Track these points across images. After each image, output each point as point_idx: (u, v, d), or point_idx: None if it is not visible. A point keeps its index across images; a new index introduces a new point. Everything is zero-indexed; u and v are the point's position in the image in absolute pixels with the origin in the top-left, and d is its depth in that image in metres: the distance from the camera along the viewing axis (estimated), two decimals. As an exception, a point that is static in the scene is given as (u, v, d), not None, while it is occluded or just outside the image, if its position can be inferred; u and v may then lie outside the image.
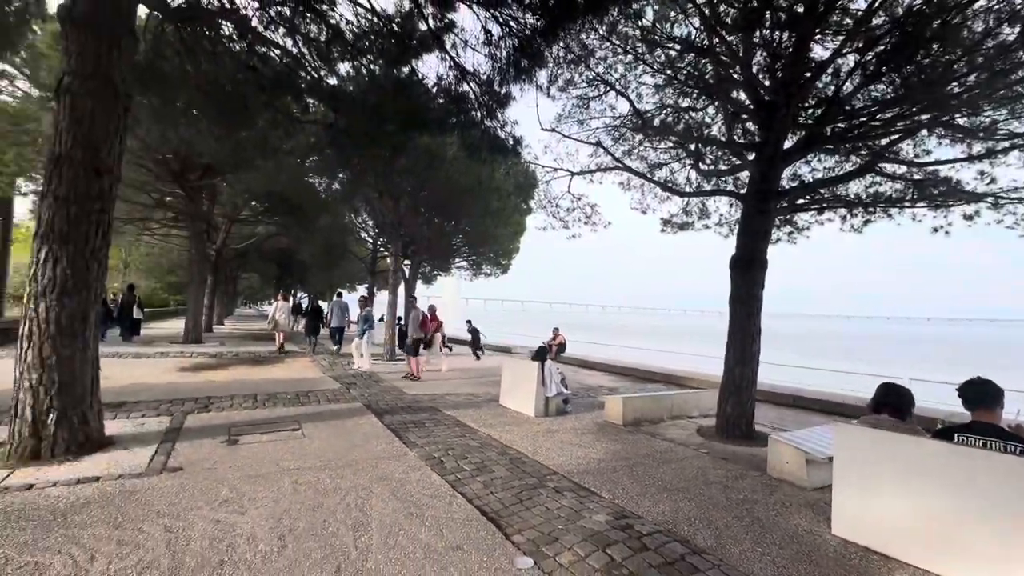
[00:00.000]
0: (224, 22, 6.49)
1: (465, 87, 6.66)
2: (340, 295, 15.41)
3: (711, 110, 7.28)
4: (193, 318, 13.90)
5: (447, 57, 6.43)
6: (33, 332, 3.64)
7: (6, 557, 2.38)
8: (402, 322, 11.88)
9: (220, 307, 23.81)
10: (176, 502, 3.08)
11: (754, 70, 5.94)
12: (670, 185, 7.86)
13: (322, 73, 7.13)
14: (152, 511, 2.94)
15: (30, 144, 9.47)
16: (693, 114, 7.35)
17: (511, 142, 7.07)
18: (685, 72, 6.70)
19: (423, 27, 6.27)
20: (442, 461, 4.19)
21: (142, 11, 5.30)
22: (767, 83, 5.91)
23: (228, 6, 6.30)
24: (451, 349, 14.82)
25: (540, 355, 6.75)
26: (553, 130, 7.61)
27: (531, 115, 8.11)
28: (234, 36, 6.76)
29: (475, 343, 14.47)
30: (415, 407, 6.45)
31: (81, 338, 3.84)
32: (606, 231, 8.63)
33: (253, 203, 16.82)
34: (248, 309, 57.52)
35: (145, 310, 16.18)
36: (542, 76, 6.57)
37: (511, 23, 5.80)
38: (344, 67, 7.48)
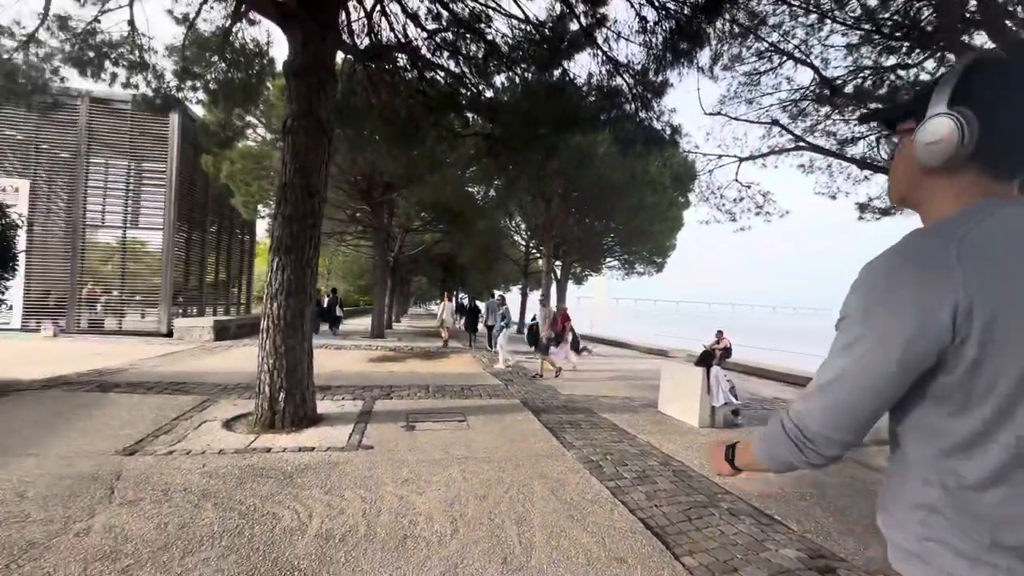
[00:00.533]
0: (399, 55, 7.34)
1: (618, 80, 6.47)
2: (493, 295, 16.36)
3: (930, 63, 5.87)
4: (377, 316, 16.10)
5: (599, 53, 6.32)
6: (269, 327, 4.56)
7: (254, 505, 2.98)
8: (532, 321, 12.05)
9: (397, 306, 27.22)
10: (369, 476, 3.54)
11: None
12: (870, 161, 6.56)
13: (480, 87, 7.60)
14: (351, 481, 3.42)
15: (266, 177, 12.02)
16: (902, 72, 6.03)
17: (668, 132, 6.65)
18: (891, 23, 5.51)
19: (574, 27, 6.26)
20: (600, 466, 4.09)
21: (339, 56, 6.29)
22: None
23: (403, 40, 7.10)
24: (590, 351, 14.58)
25: (704, 360, 6.20)
26: (718, 113, 6.95)
27: (690, 100, 7.55)
28: (407, 66, 7.61)
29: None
30: (570, 407, 6.46)
31: (300, 331, 4.69)
32: (782, 221, 7.58)
33: (422, 214, 18.84)
34: (419, 308, 64.69)
35: (345, 309, 19.30)
36: (704, 56, 6.06)
37: (668, 4, 5.44)
38: (499, 79, 7.87)
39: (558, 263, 14.26)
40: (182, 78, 7.57)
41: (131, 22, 6.60)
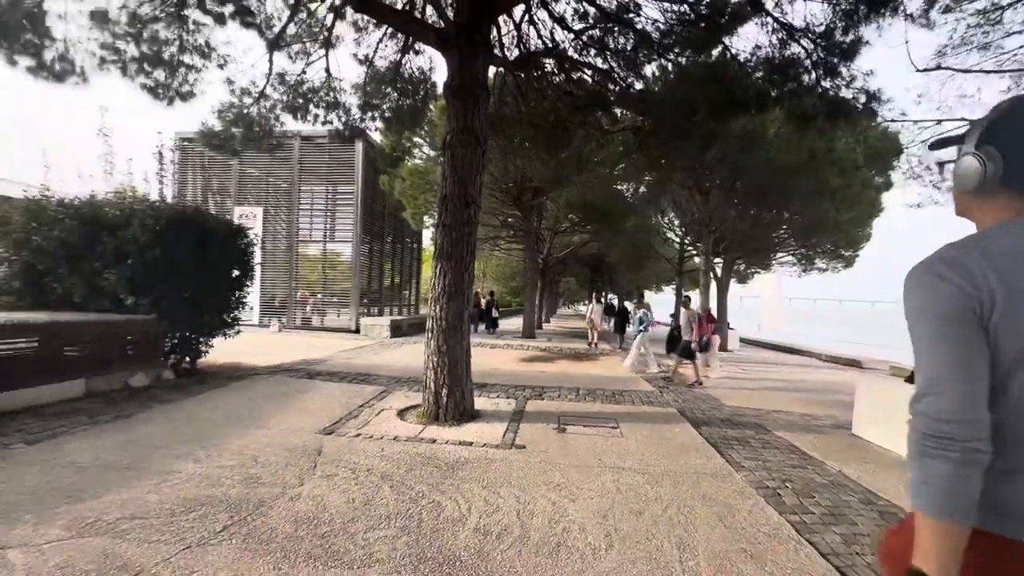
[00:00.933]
0: (547, 60, 7.45)
1: (793, 49, 5.61)
2: (643, 295, 15.67)
3: None
4: (528, 317, 16.66)
5: (767, 21, 5.56)
6: (433, 327, 4.98)
7: (422, 492, 3.25)
8: (671, 322, 11.01)
9: (547, 307, 27.85)
10: (522, 476, 3.60)
11: None
12: None
13: (629, 80, 7.30)
14: (506, 480, 3.52)
15: (430, 191, 13.33)
16: None
17: (862, 100, 5.54)
18: None
19: (736, -2, 5.60)
20: (778, 493, 3.56)
21: (491, 70, 6.61)
22: None
23: (550, 44, 7.19)
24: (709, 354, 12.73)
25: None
26: (935, 68, 5.56)
27: (893, 58, 6.18)
28: (554, 70, 7.68)
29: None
30: (736, 421, 5.80)
31: (459, 332, 5.02)
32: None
33: (570, 215, 18.98)
34: (567, 309, 65.42)
35: (500, 309, 20.48)
36: (913, 1, 4.88)
37: (862, -55, 4.52)
38: (650, 69, 7.48)
39: (718, 260, 13.02)
40: (364, 110, 8.77)
41: (327, 69, 7.86)
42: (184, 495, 2.99)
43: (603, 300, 21.78)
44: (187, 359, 7.00)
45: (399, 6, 7.04)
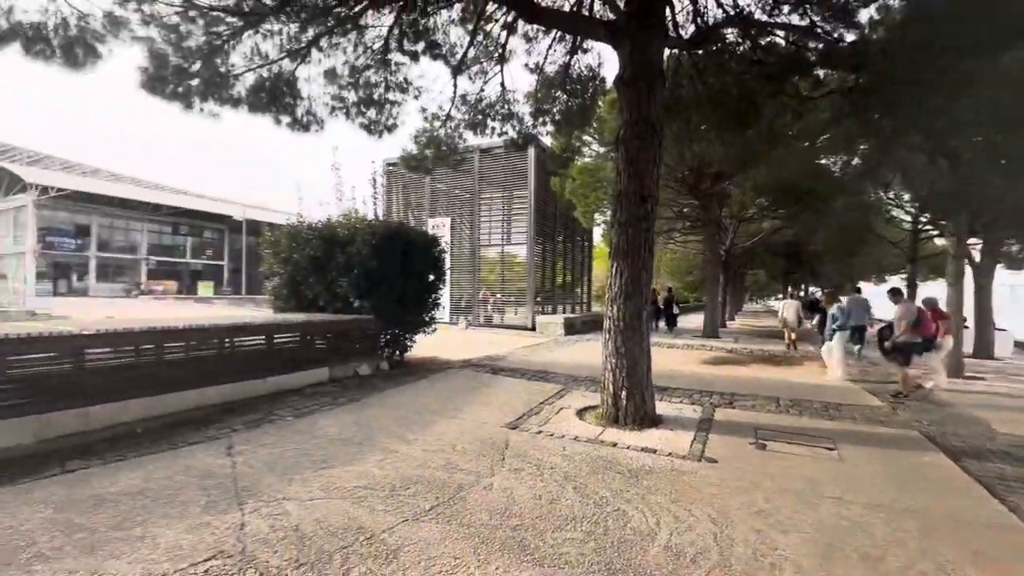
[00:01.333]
0: (728, 29, 6.69)
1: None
2: (859, 290, 12.97)
3: None
4: (710, 314, 15.30)
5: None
6: (611, 328, 4.87)
7: (605, 497, 3.19)
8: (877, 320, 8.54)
9: (731, 303, 25.23)
10: (717, 495, 3.26)
11: None
12: None
13: (838, 33, 6.11)
14: (697, 497, 3.23)
15: (600, 188, 13.22)
16: None
17: None
18: None
19: None
20: (1107, 567, 2.54)
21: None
22: None
23: (731, 12, 6.43)
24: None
25: None
26: None
27: None
28: (738, 39, 6.86)
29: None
30: (1015, 454, 4.36)
31: (638, 333, 4.82)
32: None
33: (759, 200, 16.82)
34: (755, 304, 58.40)
35: (680, 305, 19.32)
36: None
37: None
38: (865, 14, 6.15)
39: (975, 241, 10.01)
40: (536, 116, 9.10)
41: (502, 84, 8.37)
42: (401, 473, 3.47)
43: (801, 294, 18.77)
44: (397, 353, 8.20)
45: (567, 8, 7.11)
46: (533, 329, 15.38)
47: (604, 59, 8.59)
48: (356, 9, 6.70)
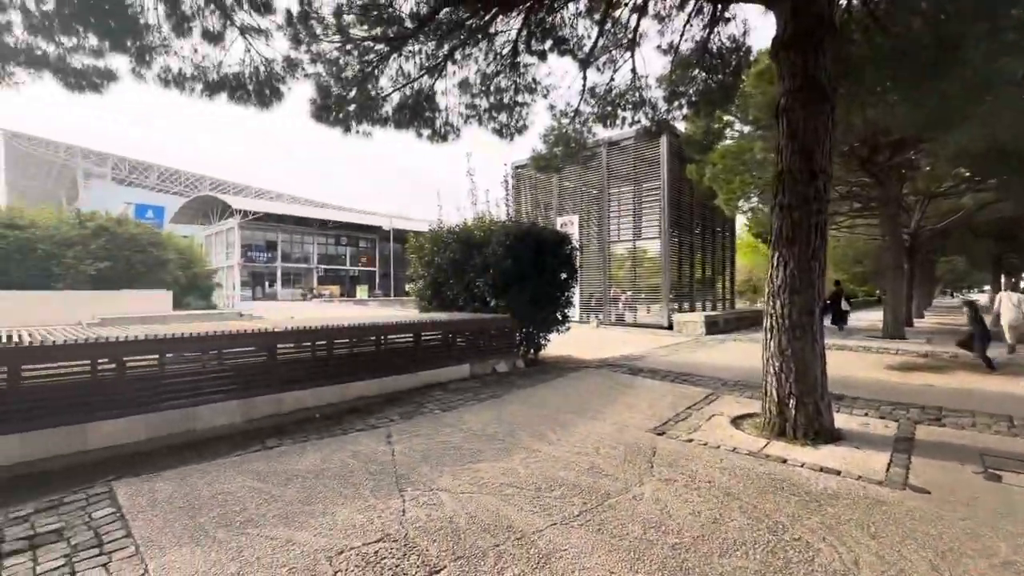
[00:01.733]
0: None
1: None
2: None
3: None
4: (892, 310, 12.84)
5: None
6: (773, 326, 4.26)
7: (781, 523, 2.74)
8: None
9: (918, 298, 21.00)
10: (936, 535, 2.61)
11: None
12: None
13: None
14: (906, 534, 2.61)
15: (746, 172, 11.91)
16: None
17: None
18: None
19: None
20: None
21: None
22: None
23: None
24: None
25: None
26: None
27: None
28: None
29: None
30: None
31: (809, 332, 4.14)
32: None
33: (956, 170, 13.66)
34: (950, 298, 48.01)
35: (851, 301, 16.69)
36: None
37: None
38: None
39: None
40: (670, 101, 8.49)
41: (633, 70, 7.96)
42: (545, 473, 3.41)
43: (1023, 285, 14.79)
44: (531, 351, 8.28)
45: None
46: (670, 328, 14.48)
47: (750, 27, 7.67)
48: (486, 17, 6.92)
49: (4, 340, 3.55)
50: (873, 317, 21.36)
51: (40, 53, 4.73)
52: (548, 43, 7.56)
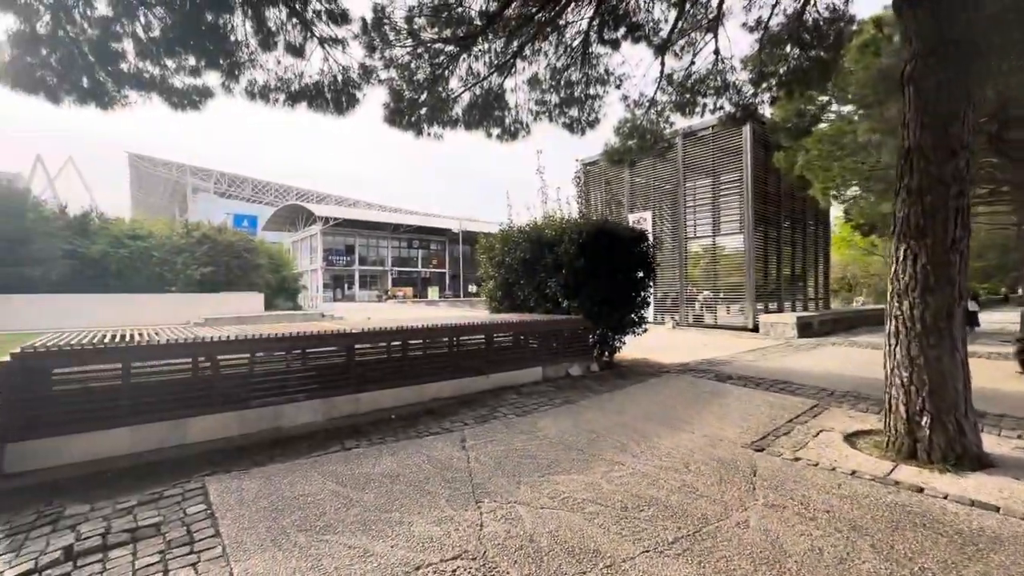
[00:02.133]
0: None
1: None
2: None
3: None
4: (1031, 311, 10.99)
5: None
6: (899, 330, 3.66)
7: (927, 568, 2.27)
8: None
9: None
10: None
11: None
12: None
13: None
14: (1111, 598, 2.05)
15: (845, 156, 10.70)
16: None
17: None
18: None
19: None
20: None
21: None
22: None
23: None
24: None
25: None
26: None
27: None
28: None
29: None
30: None
31: (947, 338, 3.50)
32: None
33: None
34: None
35: (979, 301, 14.66)
36: None
37: None
38: None
39: None
40: (757, 83, 7.78)
41: (716, 51, 7.38)
42: (631, 490, 3.12)
43: None
44: (606, 354, 7.92)
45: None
46: (755, 330, 13.40)
47: (854, -9, 6.83)
48: (556, 8, 6.69)
49: (118, 339, 3.85)
50: (1000, 318, 18.59)
51: (148, 76, 5.15)
52: (621, 31, 7.19)
